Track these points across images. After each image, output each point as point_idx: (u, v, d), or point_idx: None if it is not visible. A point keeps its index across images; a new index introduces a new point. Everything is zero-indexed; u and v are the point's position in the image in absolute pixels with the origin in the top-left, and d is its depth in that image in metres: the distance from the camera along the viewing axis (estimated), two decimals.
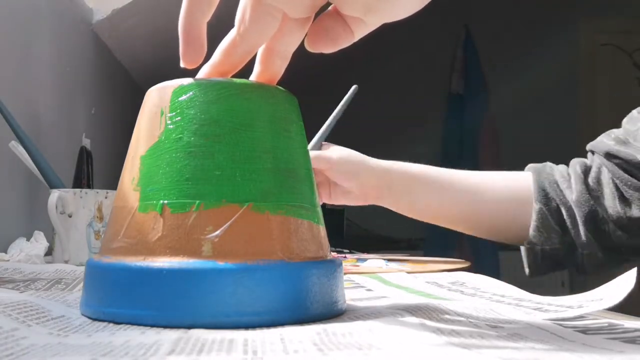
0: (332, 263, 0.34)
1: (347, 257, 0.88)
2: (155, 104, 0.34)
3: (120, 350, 0.24)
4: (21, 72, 0.98)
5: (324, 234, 0.36)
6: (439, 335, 0.27)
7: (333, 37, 0.33)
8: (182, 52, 0.33)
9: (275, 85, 0.35)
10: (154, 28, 1.51)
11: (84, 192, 0.73)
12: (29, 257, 0.71)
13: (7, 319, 0.27)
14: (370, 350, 0.24)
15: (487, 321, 0.31)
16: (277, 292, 0.31)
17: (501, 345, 0.25)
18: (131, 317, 0.30)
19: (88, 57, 1.36)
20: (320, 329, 0.29)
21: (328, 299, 0.33)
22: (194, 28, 0.33)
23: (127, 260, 0.31)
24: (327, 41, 0.33)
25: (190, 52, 0.33)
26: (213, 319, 0.29)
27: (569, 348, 0.25)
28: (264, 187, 0.32)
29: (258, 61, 0.35)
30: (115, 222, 0.34)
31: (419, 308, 0.34)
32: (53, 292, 0.42)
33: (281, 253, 0.31)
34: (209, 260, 0.30)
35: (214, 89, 0.33)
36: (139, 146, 0.34)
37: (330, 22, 0.33)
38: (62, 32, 1.17)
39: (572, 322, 0.31)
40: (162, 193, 0.32)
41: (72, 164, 0.84)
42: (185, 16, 0.32)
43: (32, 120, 1.01)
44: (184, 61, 0.33)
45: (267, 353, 0.24)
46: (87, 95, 1.36)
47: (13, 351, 0.23)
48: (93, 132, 1.33)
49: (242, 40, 0.33)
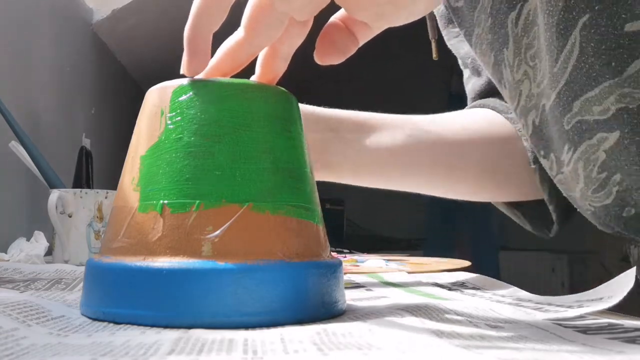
0: (332, 263, 0.34)
1: (347, 257, 0.88)
2: (155, 104, 0.34)
3: (120, 350, 0.24)
4: (21, 72, 0.98)
5: (324, 234, 0.36)
6: (438, 335, 0.27)
7: (341, 48, 0.34)
8: (186, 62, 0.33)
9: (275, 85, 0.35)
10: (154, 28, 1.51)
11: (84, 192, 0.73)
12: (29, 257, 0.71)
13: (7, 319, 0.27)
14: (370, 350, 0.24)
15: (487, 321, 0.31)
16: (277, 292, 0.31)
17: (501, 345, 0.25)
18: (131, 317, 0.30)
19: (88, 57, 1.37)
20: (320, 329, 0.29)
21: (328, 299, 0.33)
22: (201, 39, 0.32)
23: (127, 260, 0.31)
24: (336, 54, 0.34)
25: (194, 62, 0.33)
26: (213, 319, 0.29)
27: (569, 348, 0.25)
28: (264, 187, 0.32)
29: (260, 63, 0.35)
30: (115, 222, 0.34)
31: (419, 308, 0.34)
32: (53, 292, 0.42)
33: (281, 253, 0.31)
34: (209, 260, 0.30)
35: (214, 89, 0.33)
36: (139, 146, 0.34)
37: (337, 34, 0.34)
38: (62, 32, 1.17)
39: (572, 322, 0.31)
40: (162, 193, 0.32)
41: (72, 164, 0.84)
42: (192, 26, 0.32)
43: (32, 120, 1.01)
44: (186, 71, 0.33)
45: (267, 353, 0.24)
46: (87, 95, 1.36)
47: (13, 351, 0.23)
48: (93, 132, 1.33)
49: (249, 43, 0.33)
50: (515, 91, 0.51)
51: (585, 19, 0.41)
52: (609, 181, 0.43)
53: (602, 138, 0.43)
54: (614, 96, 0.41)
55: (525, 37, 0.48)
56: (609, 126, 0.42)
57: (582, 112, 0.43)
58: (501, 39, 0.50)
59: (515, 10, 0.48)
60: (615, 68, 0.40)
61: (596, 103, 0.42)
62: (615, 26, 0.40)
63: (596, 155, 0.44)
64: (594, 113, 0.42)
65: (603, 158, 0.43)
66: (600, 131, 0.42)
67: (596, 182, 0.44)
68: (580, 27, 0.41)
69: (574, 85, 0.43)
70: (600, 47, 0.40)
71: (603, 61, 0.41)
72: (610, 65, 0.40)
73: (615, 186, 0.43)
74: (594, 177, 0.44)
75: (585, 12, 0.41)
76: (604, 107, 0.42)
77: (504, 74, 0.52)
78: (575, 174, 0.46)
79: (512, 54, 0.50)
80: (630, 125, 0.41)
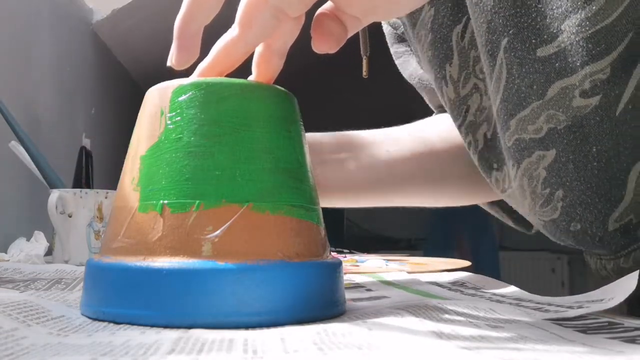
0: (332, 263, 0.34)
1: (347, 257, 0.88)
2: (155, 104, 0.34)
3: (120, 350, 0.24)
4: (21, 72, 0.98)
5: (324, 234, 0.36)
6: (438, 335, 0.27)
7: (336, 37, 0.34)
8: (175, 54, 0.33)
9: (275, 85, 0.35)
10: (154, 28, 1.51)
11: (84, 192, 0.73)
12: (29, 257, 0.71)
13: (7, 318, 0.27)
14: (370, 350, 0.24)
15: (487, 321, 0.31)
16: (277, 292, 0.31)
17: (501, 345, 0.25)
18: (131, 317, 0.30)
19: (88, 57, 1.37)
20: (320, 329, 0.29)
21: (328, 299, 0.33)
22: (191, 32, 0.32)
23: (127, 260, 0.31)
24: (332, 42, 0.34)
25: (183, 55, 0.33)
26: (213, 319, 0.29)
27: (569, 348, 0.25)
28: (264, 187, 0.32)
29: (257, 61, 0.35)
30: (115, 222, 0.34)
31: (419, 308, 0.34)
32: (53, 292, 0.42)
33: (281, 253, 0.31)
34: (209, 260, 0.30)
35: (214, 89, 0.33)
36: (139, 146, 0.34)
37: (331, 24, 0.34)
38: (62, 32, 1.17)
39: (572, 322, 0.31)
40: (162, 193, 0.32)
41: (72, 164, 0.84)
42: (183, 18, 0.32)
43: (32, 120, 1.01)
44: (174, 62, 0.33)
45: (267, 352, 0.24)
46: (87, 95, 1.36)
47: (13, 351, 0.23)
48: (93, 132, 1.33)
49: (243, 40, 0.33)
50: (460, 107, 0.51)
51: (505, 42, 0.41)
52: (553, 197, 0.43)
53: (540, 156, 0.43)
54: (543, 116, 0.41)
55: (472, 49, 0.47)
56: (545, 144, 0.42)
57: (519, 130, 0.43)
58: (443, 55, 0.50)
59: (461, 24, 0.48)
60: (537, 91, 0.41)
61: (529, 122, 0.42)
62: (528, 50, 0.40)
63: (537, 172, 0.43)
64: (529, 132, 0.42)
65: (544, 175, 0.43)
66: (537, 149, 0.42)
67: (542, 198, 0.44)
68: (502, 49, 0.41)
69: (508, 105, 0.43)
70: (521, 70, 0.41)
71: (527, 83, 0.41)
72: (532, 87, 0.41)
73: (559, 202, 0.43)
74: (539, 193, 0.44)
75: (503, 35, 0.41)
76: (537, 126, 0.42)
77: (444, 91, 0.52)
78: (522, 190, 0.46)
79: (456, 69, 0.49)
80: (562, 145, 0.41)
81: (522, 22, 0.40)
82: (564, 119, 0.40)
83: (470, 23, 0.46)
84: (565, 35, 0.39)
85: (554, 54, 0.39)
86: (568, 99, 0.39)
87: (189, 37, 0.32)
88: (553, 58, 0.39)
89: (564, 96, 0.40)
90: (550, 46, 0.39)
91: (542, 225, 0.47)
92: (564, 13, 0.38)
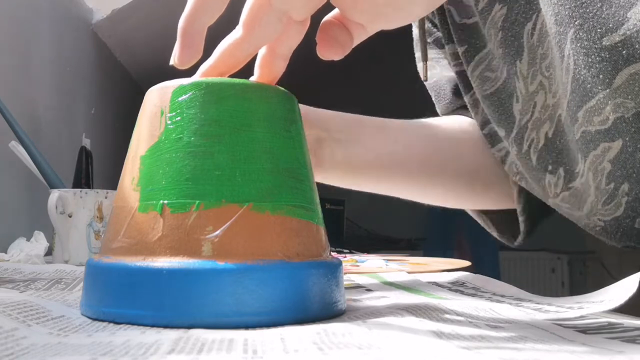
0: (332, 263, 0.34)
1: (347, 257, 0.88)
2: (155, 104, 0.34)
3: (120, 350, 0.24)
4: (21, 72, 0.98)
5: (324, 234, 0.36)
6: (438, 335, 0.27)
7: (342, 44, 0.34)
8: (178, 53, 0.33)
9: (275, 85, 0.35)
10: (154, 28, 1.51)
11: (84, 192, 0.73)
12: (29, 257, 0.71)
13: (7, 319, 0.27)
14: (370, 350, 0.24)
15: (487, 321, 0.31)
16: (277, 292, 0.31)
17: (501, 345, 0.25)
18: (131, 317, 0.30)
19: (88, 57, 1.37)
20: (320, 329, 0.29)
21: (328, 299, 0.33)
22: (195, 31, 0.32)
23: (127, 260, 0.31)
24: (337, 48, 0.34)
25: (186, 54, 0.33)
26: (213, 319, 0.29)
27: (569, 348, 0.25)
28: (263, 187, 0.32)
29: (260, 63, 0.35)
30: (115, 222, 0.34)
31: (419, 308, 0.34)
32: (53, 292, 0.42)
33: (281, 253, 0.31)
34: (209, 260, 0.30)
35: (214, 89, 0.33)
36: (139, 146, 0.34)
37: (337, 31, 0.34)
38: (62, 32, 1.17)
39: (572, 322, 0.31)
40: (162, 193, 0.32)
41: (72, 164, 0.84)
42: (188, 17, 0.32)
43: (32, 120, 1.01)
44: (177, 61, 0.33)
45: (267, 352, 0.24)
46: (87, 95, 1.36)
47: (13, 351, 0.23)
48: (93, 132, 1.33)
49: (247, 42, 0.33)
50: (529, 103, 0.51)
51: (571, 33, 0.41)
52: (617, 192, 0.43)
53: (606, 148, 0.43)
54: (609, 106, 0.41)
55: (540, 47, 0.48)
56: (611, 135, 0.42)
57: (585, 122, 0.43)
58: (514, 51, 0.50)
59: (531, 21, 0.48)
60: (604, 80, 0.41)
61: (595, 113, 0.42)
62: (594, 40, 0.40)
63: (602, 166, 0.44)
64: (595, 123, 0.43)
65: (609, 169, 0.43)
66: (602, 141, 0.43)
67: (605, 194, 0.44)
68: (569, 40, 0.42)
69: (576, 96, 0.43)
70: (587, 60, 0.41)
71: (593, 73, 0.41)
72: (599, 77, 0.41)
73: (624, 196, 0.43)
74: (603, 189, 0.44)
75: (570, 26, 0.41)
76: (603, 117, 0.42)
77: (517, 86, 0.52)
78: (587, 186, 0.46)
79: (526, 66, 0.50)
80: (630, 134, 0.41)
81: (587, 12, 0.41)
82: (632, 105, 0.40)
83: (539, 20, 0.47)
84: (631, 23, 0.39)
85: (620, 42, 0.40)
86: (638, 85, 0.40)
87: (193, 35, 0.32)
88: (620, 46, 0.40)
89: (633, 82, 0.40)
90: (616, 34, 0.40)
91: (601, 227, 0.46)
92: (630, 1, 0.39)
